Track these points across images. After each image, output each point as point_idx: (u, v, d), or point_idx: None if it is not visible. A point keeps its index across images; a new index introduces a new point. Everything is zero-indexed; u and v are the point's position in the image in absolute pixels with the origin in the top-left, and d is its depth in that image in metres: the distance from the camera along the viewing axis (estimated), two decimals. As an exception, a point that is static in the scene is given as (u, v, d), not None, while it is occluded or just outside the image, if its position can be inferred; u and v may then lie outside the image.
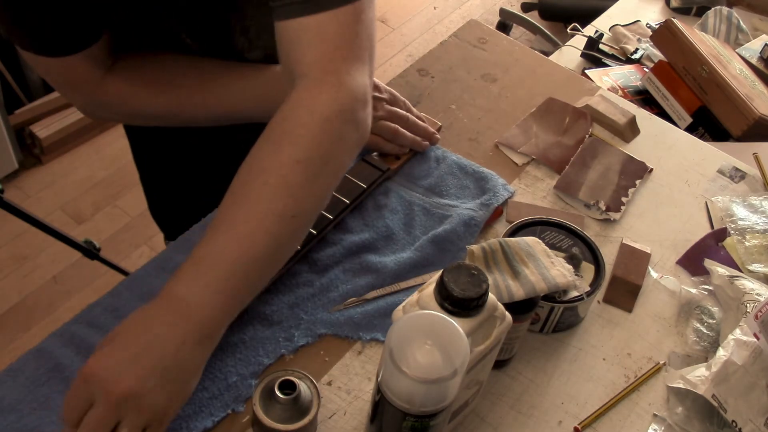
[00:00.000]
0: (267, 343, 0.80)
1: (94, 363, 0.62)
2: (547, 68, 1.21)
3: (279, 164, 0.68)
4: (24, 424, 0.71)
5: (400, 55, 2.84)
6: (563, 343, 0.86)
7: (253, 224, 0.66)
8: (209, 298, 0.65)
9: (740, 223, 1.00)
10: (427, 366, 0.59)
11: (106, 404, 0.61)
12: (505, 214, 0.97)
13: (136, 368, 0.61)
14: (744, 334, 0.83)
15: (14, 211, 1.58)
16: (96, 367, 0.62)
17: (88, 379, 0.61)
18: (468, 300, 0.63)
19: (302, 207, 0.68)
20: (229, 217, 0.67)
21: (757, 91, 1.59)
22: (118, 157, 2.31)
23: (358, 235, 0.90)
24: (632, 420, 0.81)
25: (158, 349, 0.63)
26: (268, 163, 0.68)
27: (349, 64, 0.72)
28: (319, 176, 0.70)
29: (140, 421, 0.62)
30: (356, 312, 0.83)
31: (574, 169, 1.03)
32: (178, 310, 0.64)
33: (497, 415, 0.79)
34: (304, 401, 0.70)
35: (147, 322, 0.64)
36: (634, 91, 1.69)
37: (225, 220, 0.67)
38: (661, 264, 0.96)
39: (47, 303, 1.96)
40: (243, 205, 0.67)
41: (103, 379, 0.61)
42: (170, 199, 1.18)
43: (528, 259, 0.80)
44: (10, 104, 2.14)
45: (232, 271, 0.65)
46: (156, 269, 0.85)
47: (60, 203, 2.18)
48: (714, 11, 1.91)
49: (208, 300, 0.65)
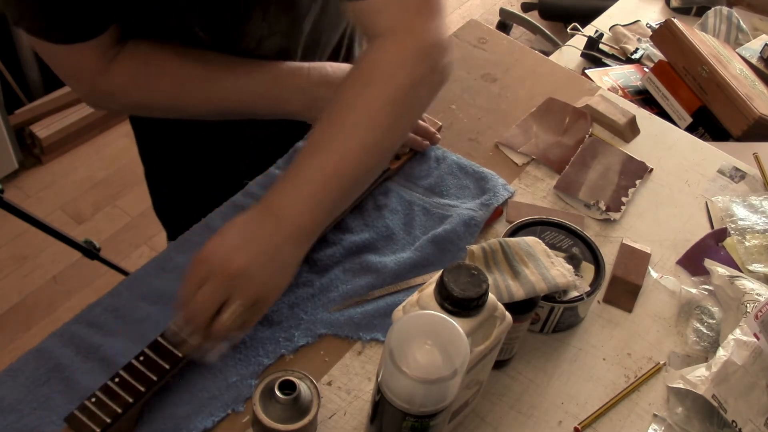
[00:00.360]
0: (267, 343, 0.80)
1: (209, 248, 0.70)
2: (547, 68, 1.21)
3: (370, 102, 0.75)
4: (24, 424, 0.71)
5: (400, 55, 2.84)
6: (563, 343, 0.86)
7: (345, 152, 0.73)
8: (305, 209, 0.73)
9: (740, 223, 1.00)
10: (427, 366, 0.59)
11: (219, 280, 0.69)
12: (505, 214, 0.97)
13: (246, 252, 0.70)
14: (744, 334, 0.83)
15: (14, 211, 1.58)
16: (211, 251, 0.70)
17: (204, 260, 0.70)
18: (468, 300, 0.63)
19: (388, 141, 0.76)
20: (323, 144, 0.74)
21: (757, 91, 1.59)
22: (118, 157, 2.31)
23: (358, 235, 0.90)
24: (632, 420, 0.81)
25: (263, 242, 0.71)
26: (361, 100, 0.75)
27: (428, 18, 0.78)
28: (404, 115, 0.77)
29: (248, 299, 0.70)
30: (356, 312, 0.83)
31: (574, 169, 1.03)
32: (277, 218, 0.72)
33: (497, 415, 0.79)
34: (304, 401, 0.70)
35: (250, 225, 0.72)
36: (634, 91, 1.69)
37: (319, 146, 0.74)
38: (661, 264, 0.96)
39: (47, 303, 1.96)
40: (336, 135, 0.74)
41: (218, 259, 0.69)
42: (175, 196, 1.18)
43: (528, 259, 0.79)
44: (10, 104, 2.14)
45: (326, 189, 0.73)
46: (156, 269, 0.85)
47: (60, 203, 2.18)
48: (714, 11, 1.91)
49: (303, 210, 0.72)
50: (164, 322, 0.76)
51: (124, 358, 0.74)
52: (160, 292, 0.83)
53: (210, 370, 0.77)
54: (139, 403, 0.71)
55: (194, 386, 0.76)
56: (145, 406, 0.73)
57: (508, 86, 1.16)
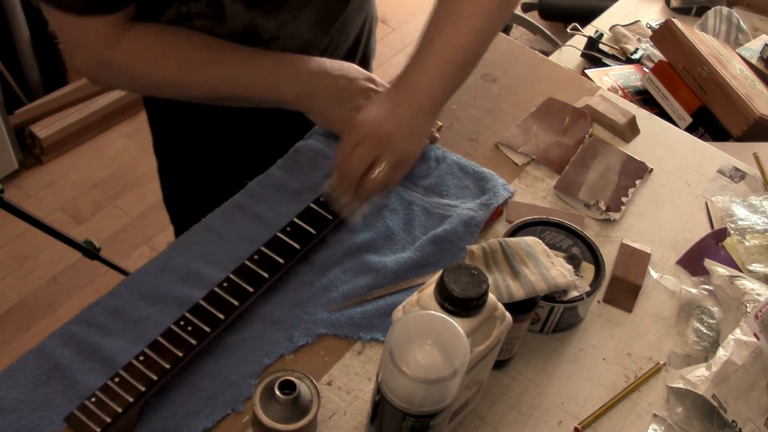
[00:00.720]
0: (267, 343, 0.80)
1: (361, 118, 0.84)
2: (547, 68, 1.21)
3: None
4: (24, 424, 0.71)
5: (400, 55, 2.84)
6: (563, 343, 0.86)
7: (461, 36, 0.86)
8: (432, 86, 0.85)
9: (740, 223, 1.00)
10: (427, 366, 0.59)
11: (371, 142, 0.82)
12: (505, 214, 0.97)
13: (391, 120, 0.83)
14: (744, 334, 0.83)
15: (14, 211, 1.59)
16: (363, 120, 0.83)
17: (358, 126, 0.83)
18: (468, 300, 0.63)
19: (494, 28, 0.89)
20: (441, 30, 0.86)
21: (757, 91, 1.59)
22: (118, 157, 2.31)
23: (358, 235, 0.90)
24: (632, 420, 0.81)
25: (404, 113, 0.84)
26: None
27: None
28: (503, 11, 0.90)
29: (393, 158, 0.83)
30: (356, 312, 0.83)
31: (574, 169, 1.03)
32: (412, 94, 0.85)
33: (497, 415, 0.79)
34: (304, 401, 0.70)
35: (391, 101, 0.85)
36: (634, 91, 1.69)
37: (439, 32, 0.86)
38: (661, 264, 0.96)
39: (47, 303, 1.96)
40: (450, 24, 0.86)
41: (370, 125, 0.83)
42: (187, 188, 1.19)
43: (528, 259, 0.80)
44: (10, 104, 2.14)
45: (447, 69, 0.86)
46: (156, 269, 0.85)
47: (60, 203, 2.18)
48: (714, 11, 1.92)
49: (430, 87, 0.85)
50: (164, 322, 0.76)
51: (124, 358, 0.74)
52: (160, 292, 0.83)
53: (210, 369, 0.77)
54: (139, 402, 0.71)
55: (194, 386, 0.76)
56: (145, 405, 0.73)
57: (508, 86, 1.16)
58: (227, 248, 0.88)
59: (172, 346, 0.74)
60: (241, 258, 0.83)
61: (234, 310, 0.78)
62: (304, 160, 0.98)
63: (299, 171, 0.97)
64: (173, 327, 0.76)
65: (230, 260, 0.85)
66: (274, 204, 0.93)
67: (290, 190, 0.94)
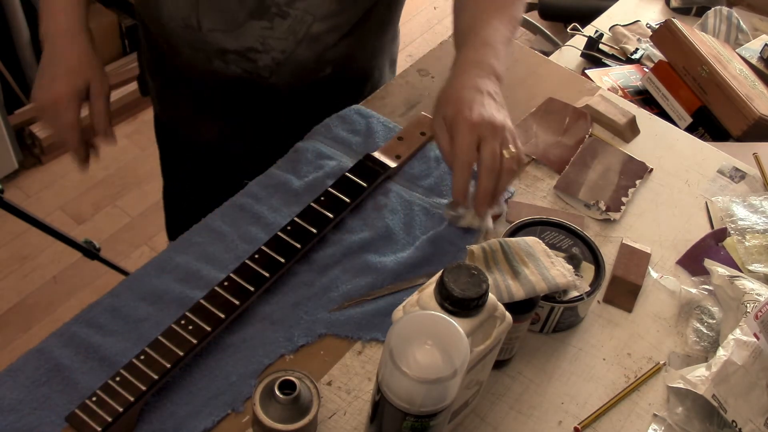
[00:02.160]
0: (267, 343, 0.80)
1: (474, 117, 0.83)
2: (547, 68, 1.21)
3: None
4: (24, 424, 0.71)
5: (400, 55, 2.83)
6: (563, 343, 0.86)
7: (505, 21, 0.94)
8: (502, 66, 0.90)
9: (740, 223, 1.00)
10: (427, 366, 0.59)
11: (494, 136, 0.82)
12: (505, 214, 0.97)
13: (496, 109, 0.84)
14: (744, 334, 0.83)
15: (14, 211, 1.58)
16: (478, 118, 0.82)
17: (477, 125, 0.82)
18: (468, 300, 0.63)
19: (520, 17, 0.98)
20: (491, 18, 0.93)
21: (757, 91, 1.59)
22: (118, 157, 2.30)
23: (358, 235, 0.90)
24: (632, 420, 0.81)
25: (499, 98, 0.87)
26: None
27: None
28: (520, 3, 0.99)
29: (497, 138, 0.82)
30: (356, 312, 0.83)
31: (574, 169, 1.03)
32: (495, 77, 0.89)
33: (497, 415, 0.79)
34: (304, 401, 0.70)
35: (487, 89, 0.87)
36: (634, 91, 1.69)
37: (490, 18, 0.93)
38: (661, 264, 0.96)
39: (47, 303, 1.96)
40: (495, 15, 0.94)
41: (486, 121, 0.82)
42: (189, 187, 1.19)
43: (528, 259, 0.80)
44: (10, 104, 2.14)
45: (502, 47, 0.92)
46: (156, 269, 0.85)
47: (60, 203, 2.18)
48: (714, 11, 1.92)
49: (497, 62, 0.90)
50: (164, 322, 0.76)
51: (124, 358, 0.74)
52: (160, 292, 0.83)
53: (210, 369, 0.77)
54: (140, 402, 0.71)
55: (194, 386, 0.76)
56: (145, 405, 0.73)
57: (508, 86, 1.15)
58: (227, 248, 0.88)
59: (172, 345, 0.74)
60: (241, 258, 0.83)
61: (235, 309, 0.78)
62: (304, 160, 0.98)
63: (299, 171, 0.97)
64: (174, 326, 0.76)
65: (230, 260, 0.86)
66: (274, 204, 0.93)
67: (290, 190, 0.94)
